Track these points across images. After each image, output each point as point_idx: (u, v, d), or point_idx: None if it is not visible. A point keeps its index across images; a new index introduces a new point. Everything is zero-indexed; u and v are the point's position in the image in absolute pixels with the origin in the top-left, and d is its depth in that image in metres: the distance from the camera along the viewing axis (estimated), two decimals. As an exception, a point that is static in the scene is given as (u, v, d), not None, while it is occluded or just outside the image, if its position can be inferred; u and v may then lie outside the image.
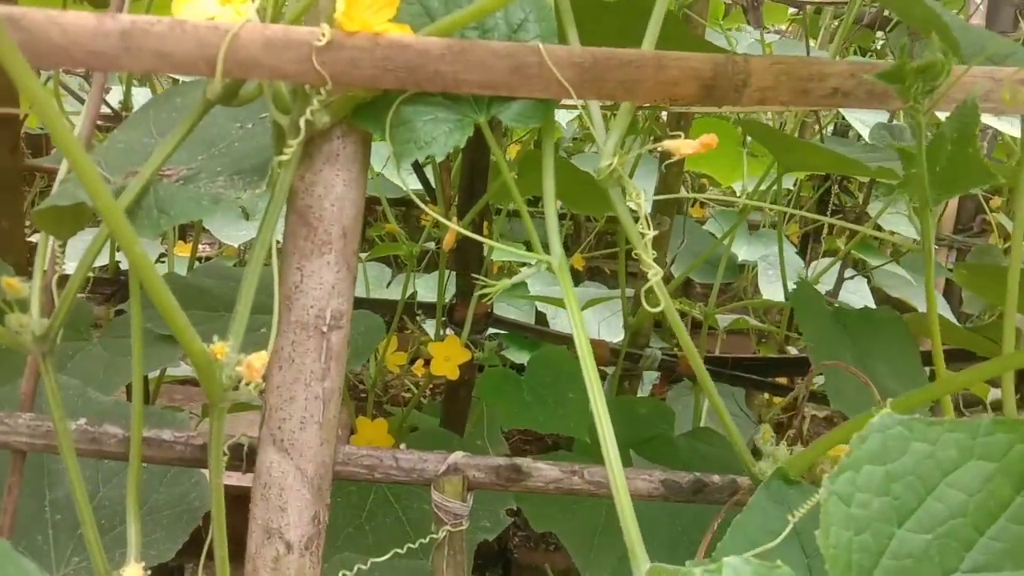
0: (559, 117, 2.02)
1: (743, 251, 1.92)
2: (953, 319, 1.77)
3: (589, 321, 1.77)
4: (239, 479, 0.63)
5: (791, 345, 1.62)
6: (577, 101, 0.54)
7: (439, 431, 1.19)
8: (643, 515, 0.48)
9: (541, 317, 1.92)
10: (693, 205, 2.23)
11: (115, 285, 1.34)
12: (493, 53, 0.51)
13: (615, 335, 1.69)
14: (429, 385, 1.44)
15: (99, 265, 1.62)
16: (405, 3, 0.54)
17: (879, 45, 2.23)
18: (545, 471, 0.66)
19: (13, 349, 0.58)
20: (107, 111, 1.53)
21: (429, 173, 1.26)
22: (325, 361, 0.57)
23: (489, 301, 1.13)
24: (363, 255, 1.90)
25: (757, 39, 1.81)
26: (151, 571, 0.58)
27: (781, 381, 1.45)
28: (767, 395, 1.53)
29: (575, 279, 2.07)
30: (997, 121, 1.11)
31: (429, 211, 0.64)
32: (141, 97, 1.69)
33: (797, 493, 0.51)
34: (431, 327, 1.60)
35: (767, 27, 2.28)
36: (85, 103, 0.66)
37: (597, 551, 0.95)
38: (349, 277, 0.58)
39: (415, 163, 1.22)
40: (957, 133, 0.52)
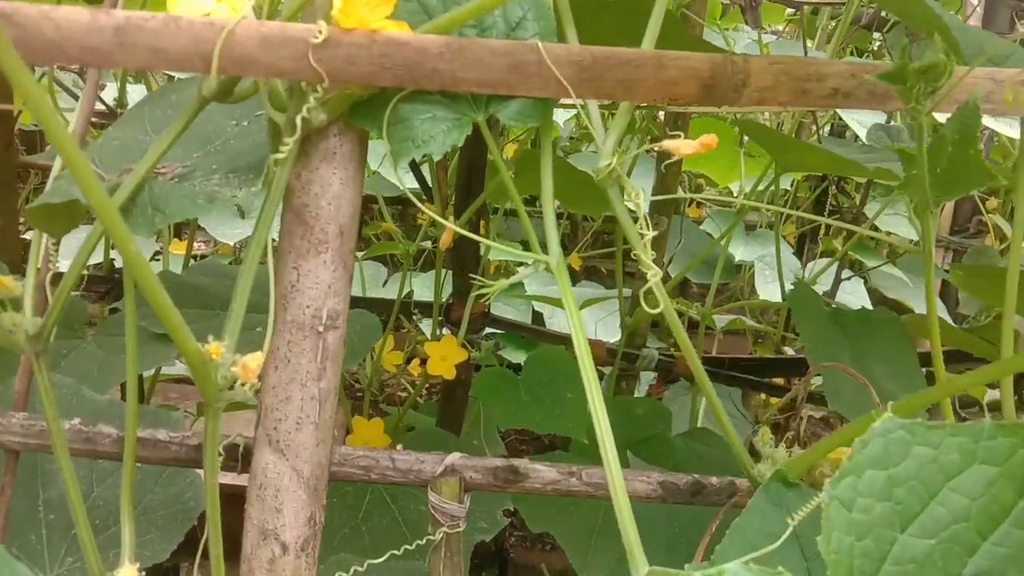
0: (556, 116, 2.02)
1: (740, 251, 1.92)
2: (950, 320, 1.77)
3: (586, 321, 1.76)
4: (235, 478, 0.62)
5: (788, 346, 1.62)
6: (576, 100, 0.54)
7: (436, 431, 1.18)
8: (641, 517, 0.48)
9: (538, 317, 1.92)
10: (690, 205, 2.23)
11: (110, 283, 1.33)
12: (491, 51, 0.51)
13: (612, 335, 1.69)
14: (426, 385, 1.44)
15: (94, 263, 1.61)
16: (403, 0, 0.54)
17: (876, 46, 2.24)
18: (543, 472, 0.65)
19: (6, 348, 0.57)
20: (102, 108, 1.53)
21: (426, 171, 1.26)
22: (321, 361, 0.57)
23: (486, 301, 1.12)
24: (359, 254, 1.89)
25: (755, 39, 1.80)
26: (146, 571, 0.57)
27: (778, 382, 1.44)
28: (764, 396, 1.53)
29: (572, 279, 2.06)
30: (995, 122, 1.11)
31: (426, 210, 0.63)
32: (137, 94, 1.69)
33: (796, 496, 0.51)
34: (428, 326, 1.59)
35: (764, 27, 2.28)
36: (80, 99, 0.65)
37: (594, 552, 0.95)
38: (346, 276, 0.57)
39: (412, 161, 1.21)
40: (958, 135, 0.52)
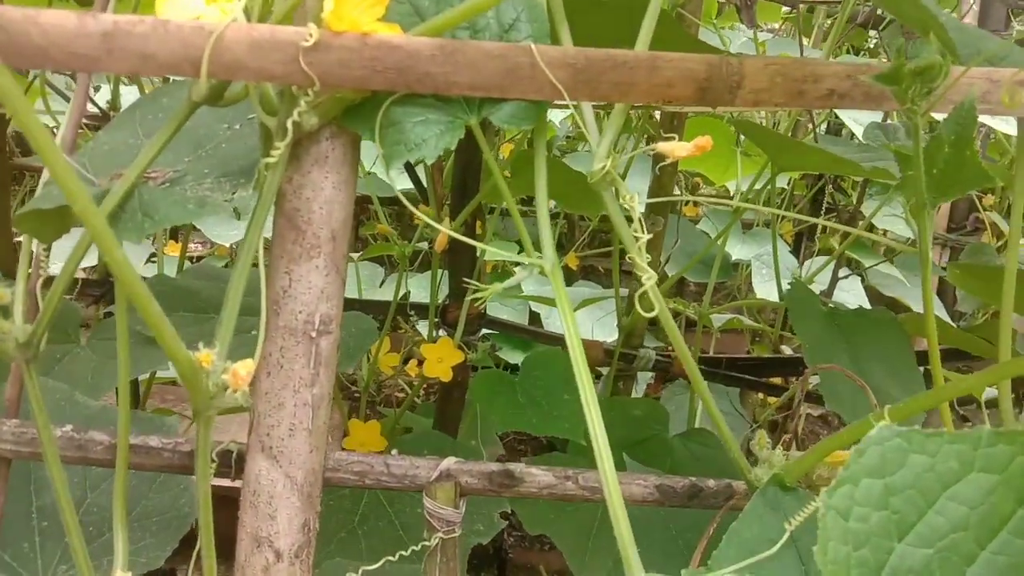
0: (552, 115, 2.01)
1: (737, 250, 1.91)
2: (947, 318, 1.77)
3: (583, 321, 1.76)
4: (228, 481, 0.62)
5: (785, 345, 1.62)
6: (570, 103, 0.53)
7: (432, 433, 1.18)
8: (637, 519, 0.47)
9: (535, 317, 1.91)
10: (687, 204, 2.23)
11: (104, 286, 1.32)
12: (485, 54, 0.50)
13: (609, 335, 1.68)
14: (423, 386, 1.43)
15: (89, 266, 1.60)
16: (395, 2, 0.53)
17: (872, 44, 2.23)
18: (538, 476, 0.65)
19: (-4, 355, 0.57)
20: (95, 111, 1.52)
21: (421, 172, 1.25)
22: (314, 367, 0.56)
23: (481, 304, 1.12)
24: (355, 255, 1.89)
25: (750, 37, 1.80)
26: (141, 576, 0.57)
27: (776, 381, 1.44)
28: (761, 395, 1.52)
29: (569, 278, 2.07)
30: (991, 119, 1.11)
31: (419, 214, 0.63)
32: (130, 96, 1.68)
33: (793, 500, 0.50)
34: (425, 327, 1.59)
35: (760, 26, 2.27)
36: (70, 103, 0.64)
37: (592, 554, 0.95)
38: (339, 281, 0.57)
39: (406, 163, 1.20)
40: (955, 135, 0.52)
